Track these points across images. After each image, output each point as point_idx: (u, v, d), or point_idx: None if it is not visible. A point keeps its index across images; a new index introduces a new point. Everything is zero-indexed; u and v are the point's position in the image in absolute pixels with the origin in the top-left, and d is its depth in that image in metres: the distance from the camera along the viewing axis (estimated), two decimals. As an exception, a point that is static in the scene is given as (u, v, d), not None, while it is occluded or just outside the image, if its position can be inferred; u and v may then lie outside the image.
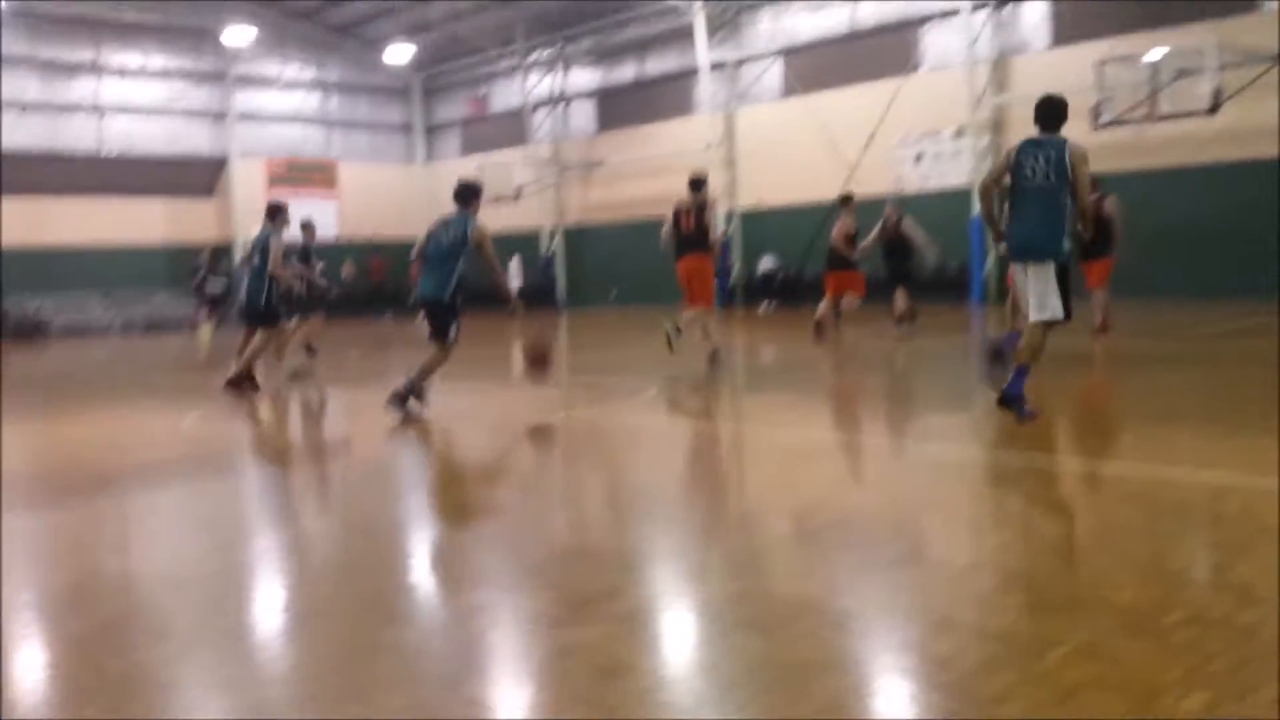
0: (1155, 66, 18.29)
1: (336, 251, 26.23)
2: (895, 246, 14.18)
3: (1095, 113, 18.43)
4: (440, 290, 8.53)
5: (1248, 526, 4.44)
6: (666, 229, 11.89)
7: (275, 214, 11.37)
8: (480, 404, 10.36)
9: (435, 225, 8.76)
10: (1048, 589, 3.91)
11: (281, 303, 11.64)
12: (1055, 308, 6.96)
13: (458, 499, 5.85)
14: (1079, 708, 2.73)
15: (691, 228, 11.70)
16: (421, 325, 9.11)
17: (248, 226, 31.46)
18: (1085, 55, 19.41)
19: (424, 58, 34.02)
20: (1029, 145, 7.15)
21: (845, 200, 14.10)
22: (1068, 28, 21.76)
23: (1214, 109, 17.02)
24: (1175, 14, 19.67)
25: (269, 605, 4.08)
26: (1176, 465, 5.85)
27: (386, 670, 3.20)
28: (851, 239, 13.75)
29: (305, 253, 14.09)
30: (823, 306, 13.87)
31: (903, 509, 5.10)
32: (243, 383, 10.72)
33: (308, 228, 14.44)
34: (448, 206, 8.86)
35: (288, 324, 12.81)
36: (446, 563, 4.62)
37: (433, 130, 37.07)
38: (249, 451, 8.35)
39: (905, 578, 3.95)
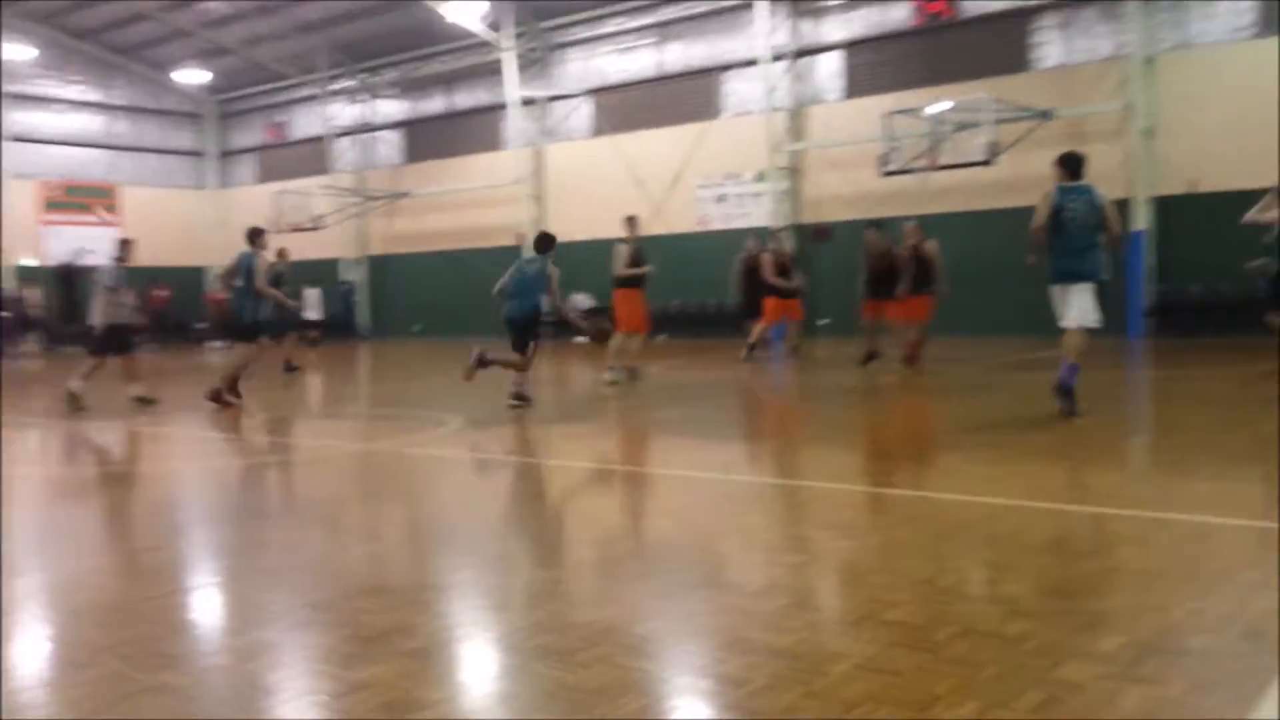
0: (937, 119, 19.57)
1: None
2: (885, 274, 13.74)
3: (883, 160, 19.53)
4: (524, 313, 11.15)
5: (1016, 545, 4.75)
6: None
7: (255, 237, 12.64)
8: (281, 436, 9.96)
9: (518, 264, 11.61)
10: (833, 608, 4.06)
11: (267, 321, 12.85)
12: (1096, 317, 8.71)
13: (246, 534, 5.58)
14: (859, 719, 2.84)
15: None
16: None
17: (14, 251, 29.45)
18: (874, 107, 20.57)
19: (220, 82, 32.79)
20: (1067, 190, 8.80)
21: (774, 234, 16.18)
22: (859, 81, 23.01)
23: (991, 160, 18.31)
24: (955, 71, 21.15)
25: (28, 653, 3.77)
26: (955, 489, 6.21)
27: (156, 714, 3.01)
28: (784, 267, 15.40)
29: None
30: (758, 330, 15.59)
31: (701, 536, 5.20)
32: (221, 397, 11.63)
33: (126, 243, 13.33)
34: (241, 234, 8.60)
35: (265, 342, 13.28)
36: (230, 602, 4.39)
37: (227, 156, 35.67)
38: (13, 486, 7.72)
39: (701, 602, 4.02)
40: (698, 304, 24.05)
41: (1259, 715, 2.78)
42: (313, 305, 24.53)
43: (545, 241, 11.74)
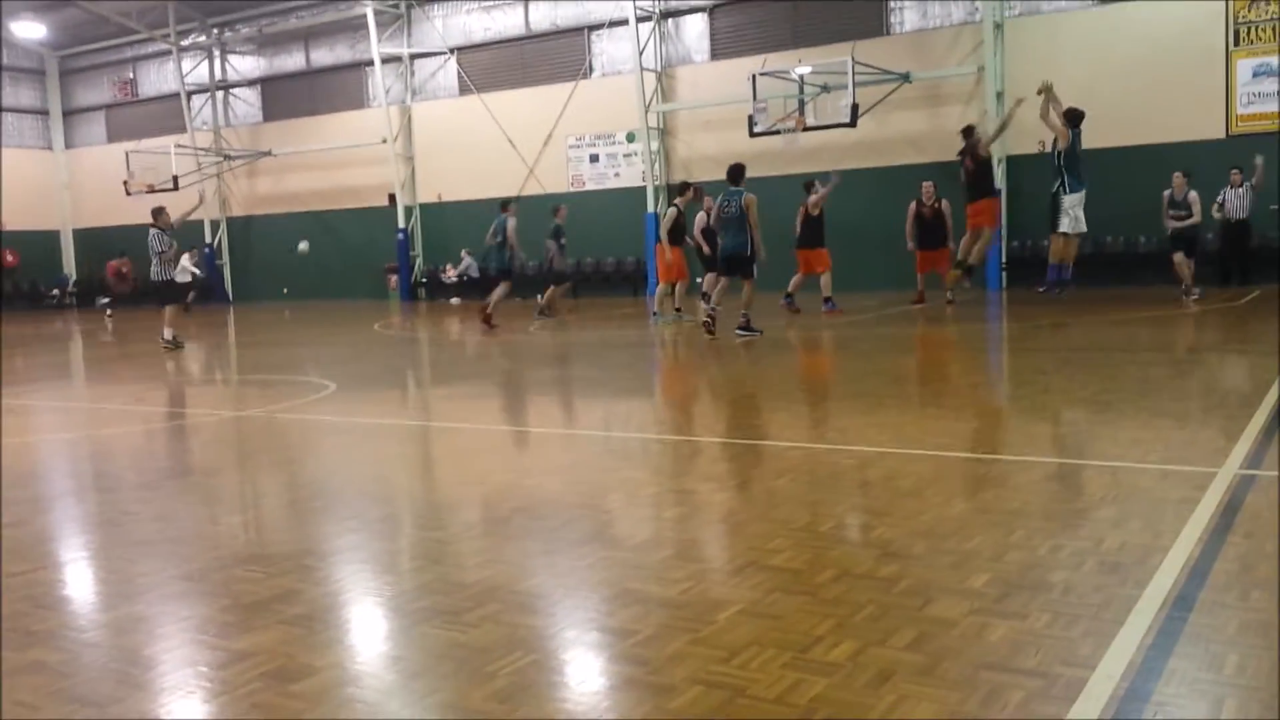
0: (801, 80, 19.89)
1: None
2: (930, 225, 16.23)
3: (752, 121, 19.77)
4: (740, 247, 12.46)
5: (888, 490, 4.93)
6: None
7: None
8: (149, 405, 9.58)
9: (719, 201, 12.98)
10: (716, 557, 4.16)
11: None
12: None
13: (115, 506, 5.37)
14: (744, 663, 2.93)
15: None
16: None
17: None
18: (741, 68, 20.77)
19: (62, 37, 30.96)
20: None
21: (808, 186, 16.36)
22: (725, 43, 23.18)
23: (853, 121, 18.72)
24: (818, 34, 21.53)
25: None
26: (829, 440, 6.40)
27: (29, 694, 2.90)
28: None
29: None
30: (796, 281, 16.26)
31: (587, 493, 5.24)
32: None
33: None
34: (91, 195, 8.23)
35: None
36: (100, 576, 4.24)
37: (73, 115, 33.82)
38: None
39: (587, 557, 4.06)
40: (573, 262, 23.98)
41: (1118, 645, 2.97)
42: (186, 268, 23.79)
43: (738, 172, 12.73)
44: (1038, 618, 3.16)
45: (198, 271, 25.08)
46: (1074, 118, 13.08)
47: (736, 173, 12.77)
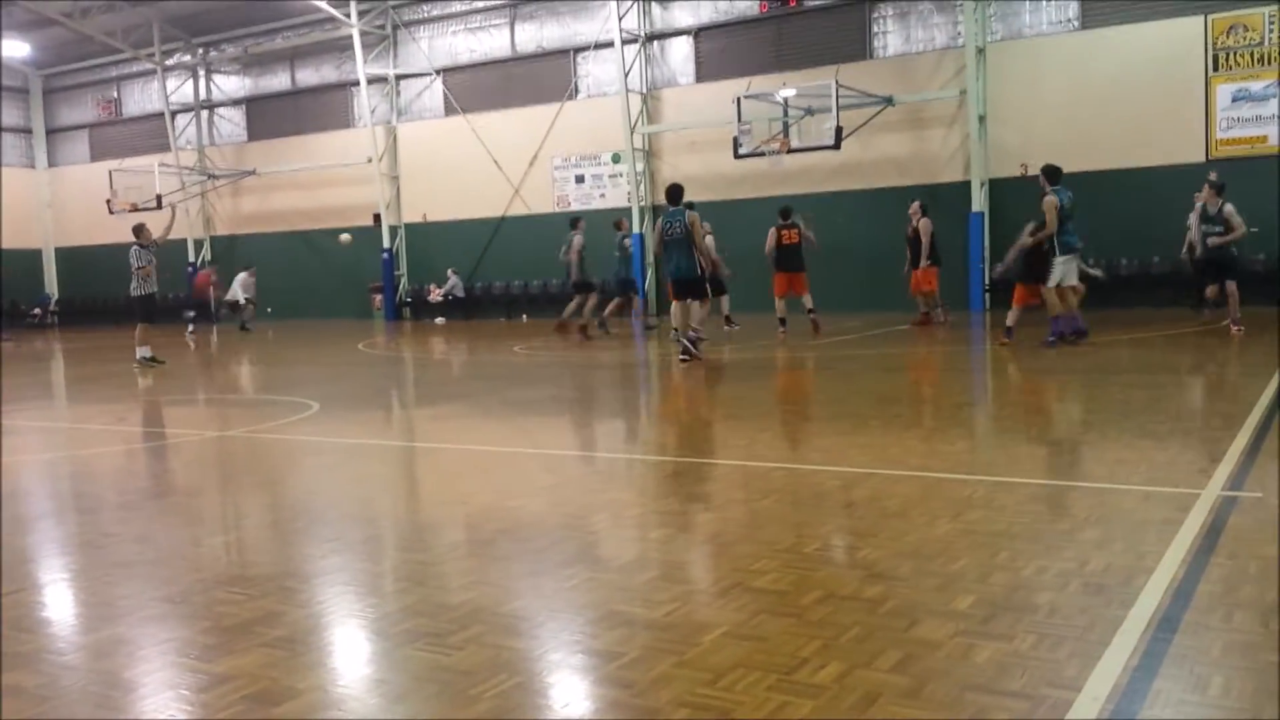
0: (785, 103, 20.03)
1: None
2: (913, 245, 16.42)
3: (737, 144, 19.87)
4: (690, 269, 12.18)
5: (873, 512, 4.93)
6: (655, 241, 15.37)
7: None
8: (131, 425, 9.51)
9: (661, 223, 12.46)
10: (702, 578, 4.15)
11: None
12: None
13: (94, 527, 5.32)
14: (729, 685, 2.92)
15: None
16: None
17: None
18: (726, 91, 20.91)
19: (46, 56, 30.91)
20: (1062, 191, 11.97)
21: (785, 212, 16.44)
22: (710, 65, 23.33)
23: (837, 144, 18.84)
24: (802, 58, 21.72)
25: None
26: (814, 460, 6.40)
27: (8, 717, 2.86)
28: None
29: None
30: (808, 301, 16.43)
31: (572, 514, 5.22)
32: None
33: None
34: (74, 214, 8.21)
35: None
36: (80, 598, 4.19)
37: (56, 133, 33.72)
38: None
39: (572, 578, 4.04)
40: (560, 283, 24.02)
41: (1104, 667, 2.97)
42: (241, 289, 23.89)
43: (678, 191, 12.52)
44: (1023, 639, 3.16)
45: (249, 296, 24.75)
46: (1054, 176, 12.21)
47: (676, 193, 12.51)
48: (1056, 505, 5.09)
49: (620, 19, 23.40)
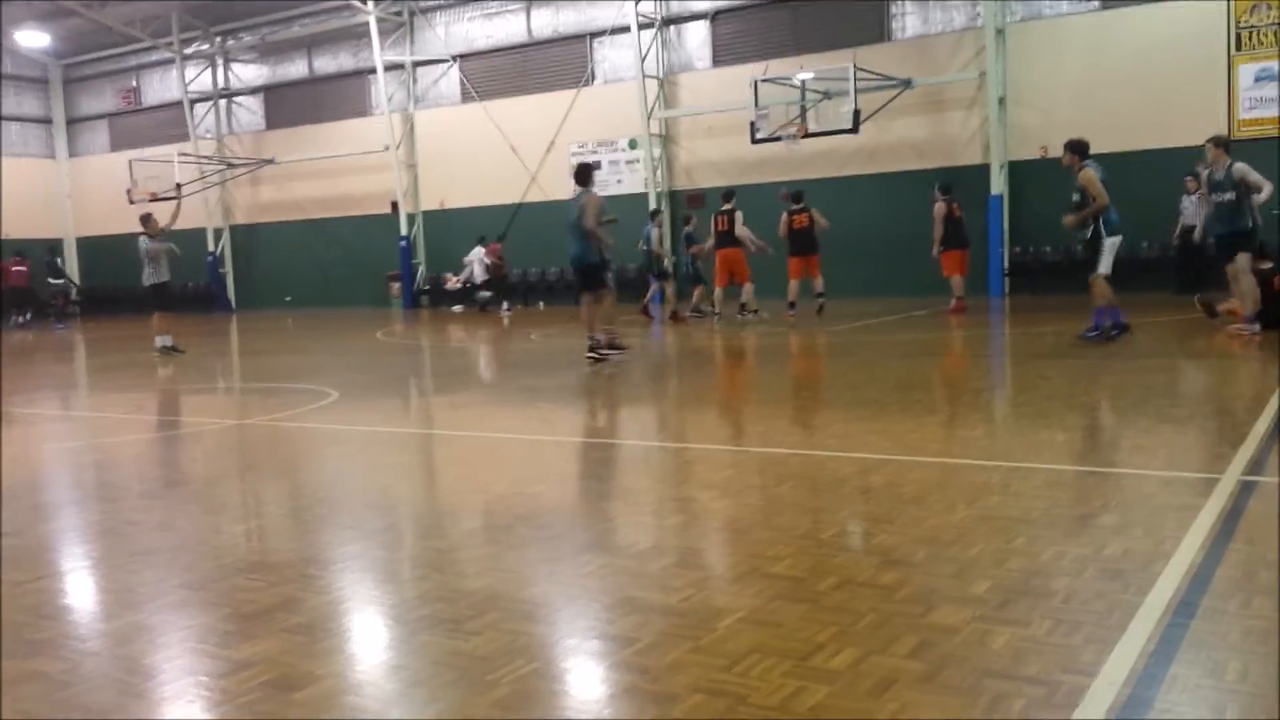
0: (804, 87, 19.90)
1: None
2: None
3: (753, 128, 19.77)
4: (584, 254, 11.27)
5: (890, 497, 4.93)
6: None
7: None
8: (151, 414, 9.59)
9: (568, 205, 11.57)
10: (718, 564, 4.16)
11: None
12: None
13: (116, 515, 5.37)
14: (745, 670, 2.93)
15: (726, 227, 16.04)
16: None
17: None
18: (742, 75, 20.78)
19: (65, 46, 31.05)
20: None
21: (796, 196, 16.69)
22: (726, 49, 23.20)
23: (855, 127, 18.72)
24: (819, 41, 21.55)
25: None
26: (830, 446, 6.40)
27: (30, 703, 2.90)
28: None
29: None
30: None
31: (589, 501, 5.24)
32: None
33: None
34: (94, 204, 8.28)
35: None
36: (101, 585, 4.24)
37: (76, 123, 33.90)
38: None
39: (588, 565, 4.06)
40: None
41: (1120, 652, 2.96)
42: (478, 266, 23.95)
43: (582, 172, 11.69)
44: (1040, 625, 3.16)
45: (485, 274, 24.23)
46: (1082, 149, 11.01)
47: (580, 174, 11.63)
48: (1074, 491, 5.07)
49: (636, 3, 23.30)
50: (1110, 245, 10.80)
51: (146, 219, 15.29)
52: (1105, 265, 10.78)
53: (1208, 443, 6.05)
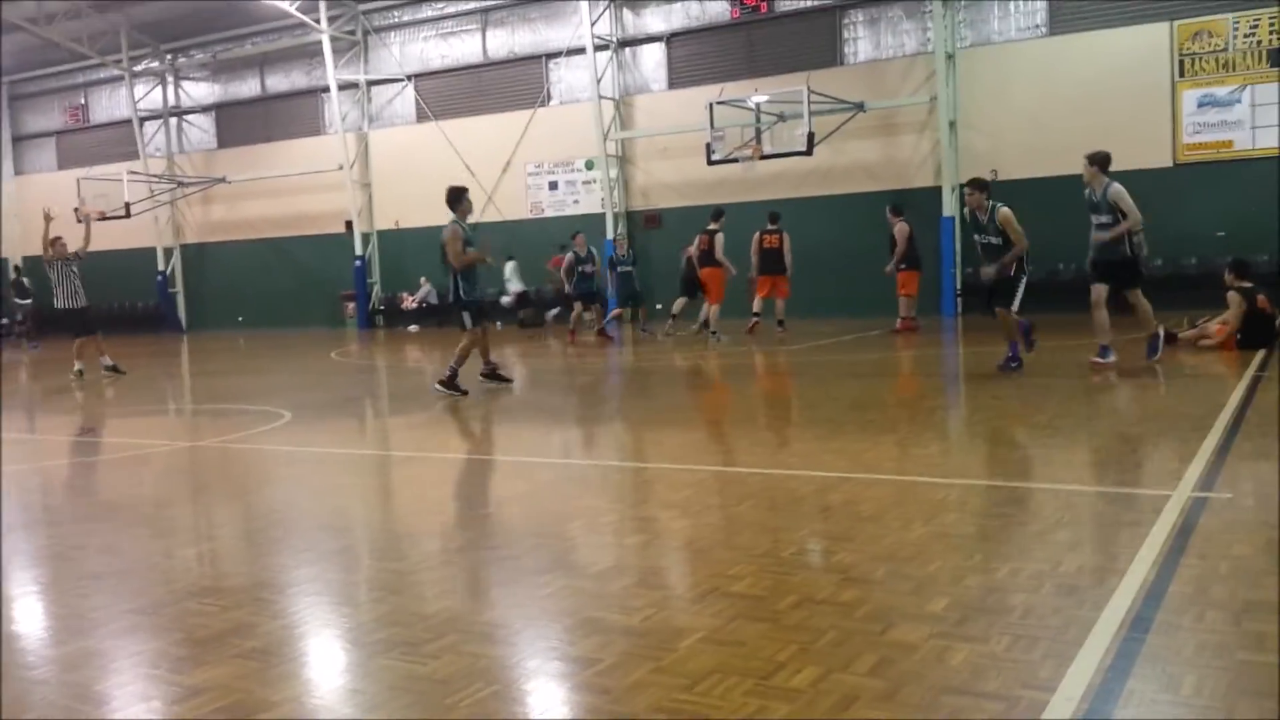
0: (758, 109, 20.09)
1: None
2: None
3: (709, 150, 19.91)
4: (445, 291, 11.19)
5: (849, 515, 4.95)
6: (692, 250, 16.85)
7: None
8: (98, 435, 9.41)
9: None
10: (678, 584, 4.15)
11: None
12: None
13: (63, 539, 5.25)
14: (706, 690, 2.92)
15: (708, 246, 16.34)
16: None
17: None
18: (698, 97, 20.93)
19: (10, 62, 30.52)
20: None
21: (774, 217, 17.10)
22: (682, 71, 23.36)
23: (809, 150, 18.92)
24: (773, 64, 21.80)
25: None
26: (789, 465, 6.42)
27: (-27, 735, 2.82)
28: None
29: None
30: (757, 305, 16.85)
31: (547, 522, 5.21)
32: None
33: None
34: (41, 222, 8.06)
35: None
36: (49, 610, 4.14)
37: (22, 141, 33.33)
38: None
39: (548, 585, 4.02)
40: (534, 289, 24.00)
41: (1077, 667, 2.99)
42: (514, 278, 23.63)
43: (450, 196, 10.86)
44: (998, 641, 3.18)
45: (520, 288, 23.85)
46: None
47: (450, 198, 10.80)
48: (1029, 508, 5.13)
49: (592, 25, 23.40)
50: (1024, 284, 10.34)
51: (54, 242, 14.91)
52: (1017, 303, 10.28)
53: (1160, 459, 6.15)
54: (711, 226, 16.53)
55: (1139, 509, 4.77)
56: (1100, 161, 10.53)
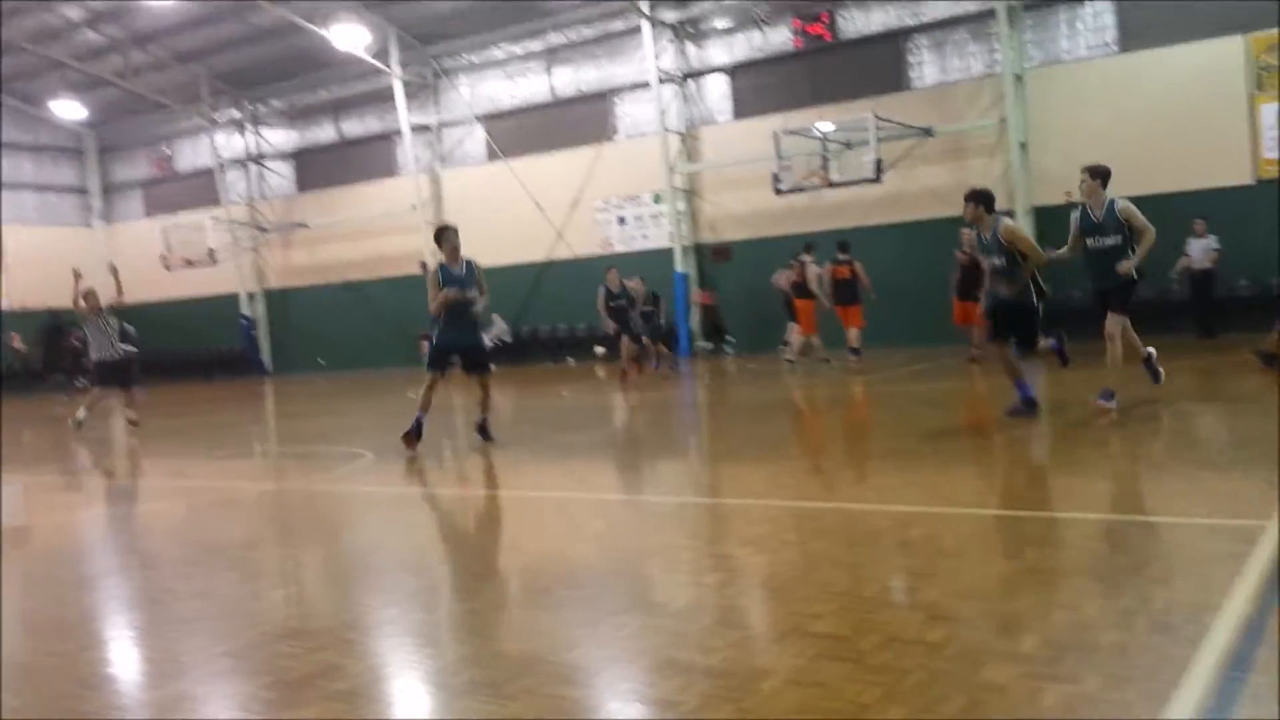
0: (825, 138, 20.05)
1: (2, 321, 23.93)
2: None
3: (776, 180, 19.91)
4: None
5: (930, 550, 4.87)
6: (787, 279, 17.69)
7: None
8: (187, 477, 9.66)
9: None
10: (758, 623, 4.11)
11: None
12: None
13: (155, 583, 5.40)
14: (793, 733, 2.89)
15: (800, 279, 16.94)
16: None
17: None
18: (763, 127, 20.98)
19: (99, 115, 31.80)
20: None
21: (808, 248, 17.54)
22: (747, 102, 23.43)
23: (877, 177, 18.81)
24: (838, 92, 21.74)
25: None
26: (866, 499, 6.35)
27: (76, 779, 2.90)
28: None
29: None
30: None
31: (625, 560, 5.21)
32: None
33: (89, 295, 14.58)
34: (129, 270, 8.47)
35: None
36: (143, 654, 4.25)
37: (111, 190, 34.60)
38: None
39: (627, 626, 4.03)
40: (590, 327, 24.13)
41: (1174, 709, 2.90)
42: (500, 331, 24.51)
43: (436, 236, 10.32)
44: (1090, 680, 3.10)
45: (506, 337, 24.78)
46: (980, 198, 9.41)
47: (436, 238, 10.46)
48: (1116, 541, 5.00)
49: (656, 59, 23.62)
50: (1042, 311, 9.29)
51: (87, 296, 14.40)
52: (1042, 341, 9.40)
53: (1249, 487, 5.96)
54: (805, 258, 16.89)
55: (1232, 540, 4.62)
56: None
